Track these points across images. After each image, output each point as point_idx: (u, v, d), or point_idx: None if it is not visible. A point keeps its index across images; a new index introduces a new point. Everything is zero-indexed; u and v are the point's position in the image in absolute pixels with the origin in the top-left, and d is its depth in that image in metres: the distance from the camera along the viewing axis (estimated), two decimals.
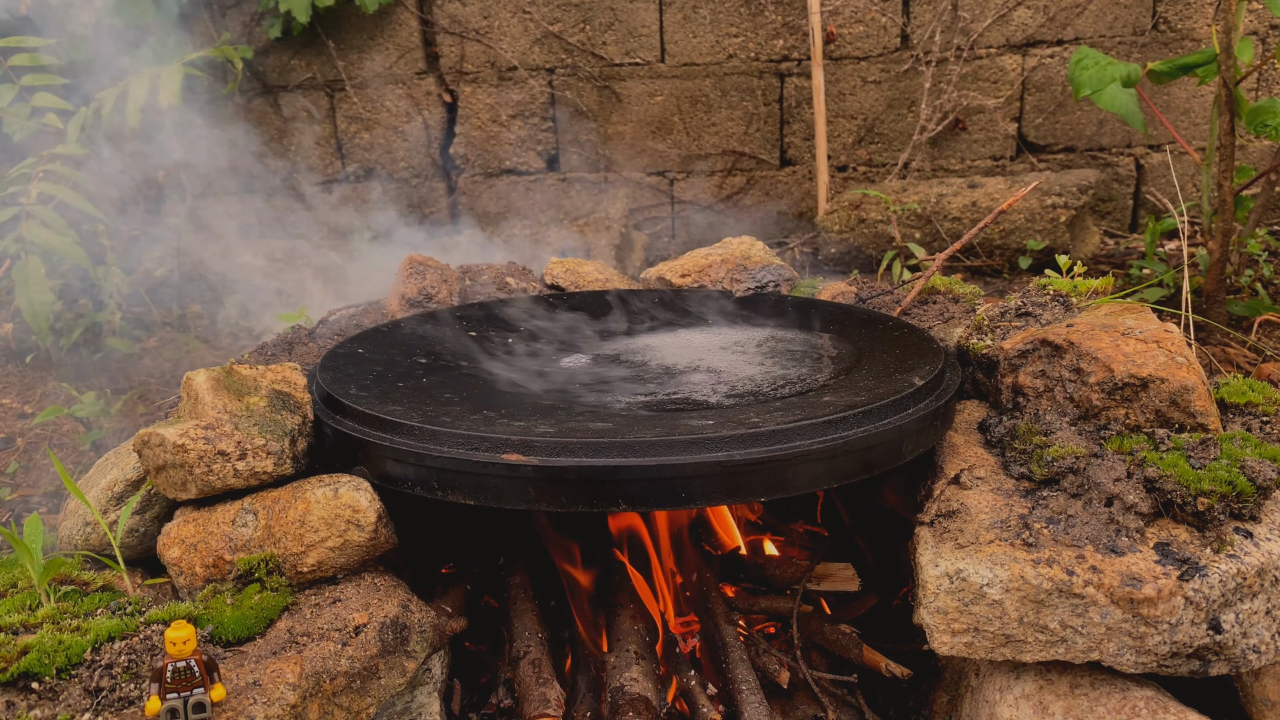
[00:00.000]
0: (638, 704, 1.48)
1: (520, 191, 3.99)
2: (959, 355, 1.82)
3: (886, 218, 3.18)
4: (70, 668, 1.23)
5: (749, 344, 1.94)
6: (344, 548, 1.41)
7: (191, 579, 1.41)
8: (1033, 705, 1.33)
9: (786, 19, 3.64)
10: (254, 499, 1.45)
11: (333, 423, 1.51)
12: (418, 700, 1.51)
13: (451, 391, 1.63)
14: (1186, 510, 1.33)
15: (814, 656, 1.76)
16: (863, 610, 1.83)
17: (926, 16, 3.57)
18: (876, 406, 1.41)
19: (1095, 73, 2.45)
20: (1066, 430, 1.50)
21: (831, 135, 3.72)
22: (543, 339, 2.05)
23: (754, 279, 2.30)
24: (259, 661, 1.26)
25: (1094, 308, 1.76)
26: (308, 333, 2.16)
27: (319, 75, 3.94)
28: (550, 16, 3.74)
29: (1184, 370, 1.45)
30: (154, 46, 3.82)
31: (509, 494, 1.33)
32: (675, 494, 1.31)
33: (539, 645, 1.64)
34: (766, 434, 1.32)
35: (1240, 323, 2.48)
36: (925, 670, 1.66)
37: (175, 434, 1.42)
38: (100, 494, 1.58)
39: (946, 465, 1.53)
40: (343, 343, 1.90)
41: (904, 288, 2.30)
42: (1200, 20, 3.45)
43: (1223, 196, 2.33)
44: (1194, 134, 3.52)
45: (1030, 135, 3.65)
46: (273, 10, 3.79)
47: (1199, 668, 1.29)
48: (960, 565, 1.33)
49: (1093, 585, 1.27)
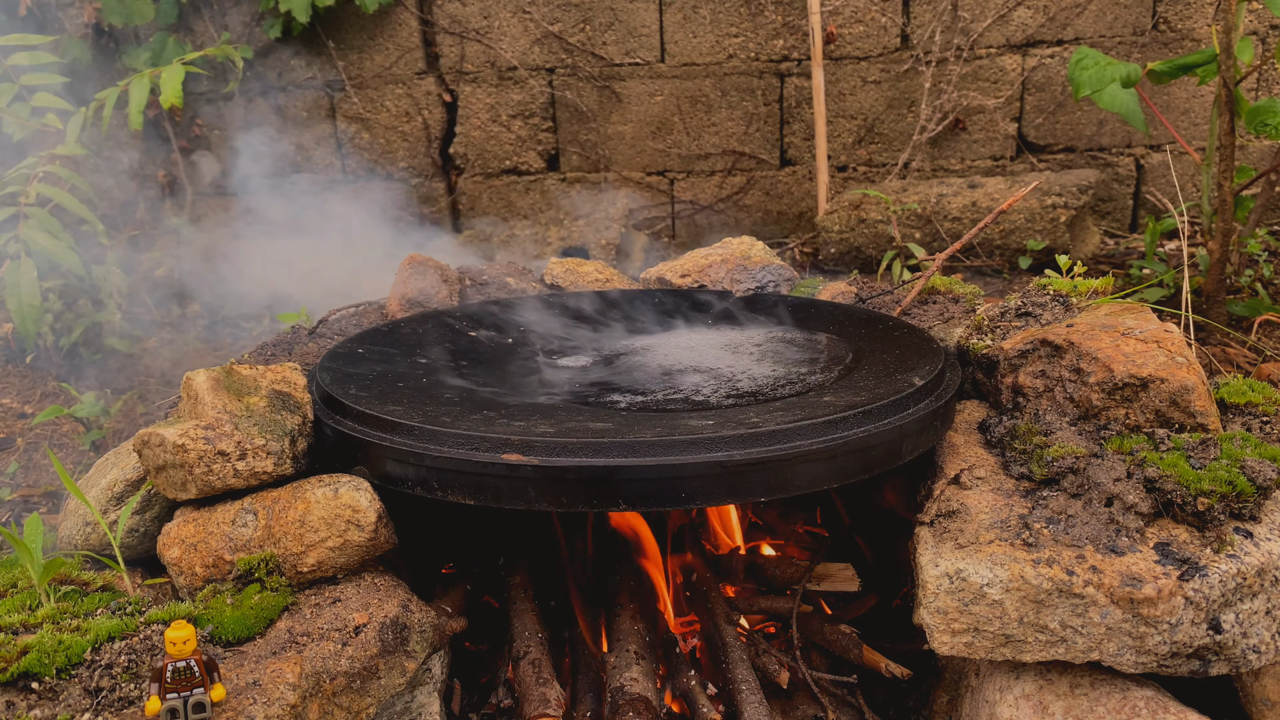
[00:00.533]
0: (638, 704, 1.48)
1: (520, 191, 3.99)
2: (959, 355, 1.82)
3: (886, 218, 3.18)
4: (70, 668, 1.23)
5: (749, 344, 1.94)
6: (344, 548, 1.41)
7: (191, 579, 1.41)
8: (1033, 705, 1.33)
9: (786, 19, 3.64)
10: (254, 499, 1.45)
11: (333, 423, 1.51)
12: (418, 700, 1.51)
13: (451, 391, 1.63)
14: (1186, 510, 1.33)
15: (814, 657, 1.75)
16: (863, 610, 1.83)
17: (926, 16, 3.57)
18: (876, 406, 1.41)
19: (1095, 73, 2.45)
20: (1066, 430, 1.50)
21: (831, 135, 3.72)
22: (542, 339, 2.05)
23: (754, 279, 2.30)
24: (259, 661, 1.26)
25: (1094, 308, 1.76)
26: (308, 333, 2.16)
27: (319, 75, 3.94)
28: (550, 16, 3.74)
29: (1184, 370, 1.45)
30: (153, 46, 3.82)
31: (509, 494, 1.33)
32: (675, 494, 1.31)
33: (539, 645, 1.64)
34: (766, 434, 1.32)
35: (1240, 323, 2.48)
36: (925, 670, 1.66)
37: (175, 434, 1.42)
38: (100, 494, 1.58)
39: (946, 465, 1.53)
40: (343, 343, 1.90)
41: (904, 288, 2.30)
42: (1200, 20, 3.45)
43: (1223, 196, 2.33)
44: (1194, 134, 3.52)
45: (1030, 135, 3.65)
46: (273, 10, 3.79)
47: (1199, 668, 1.29)
48: (960, 565, 1.33)
49: (1093, 585, 1.27)
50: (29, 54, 3.06)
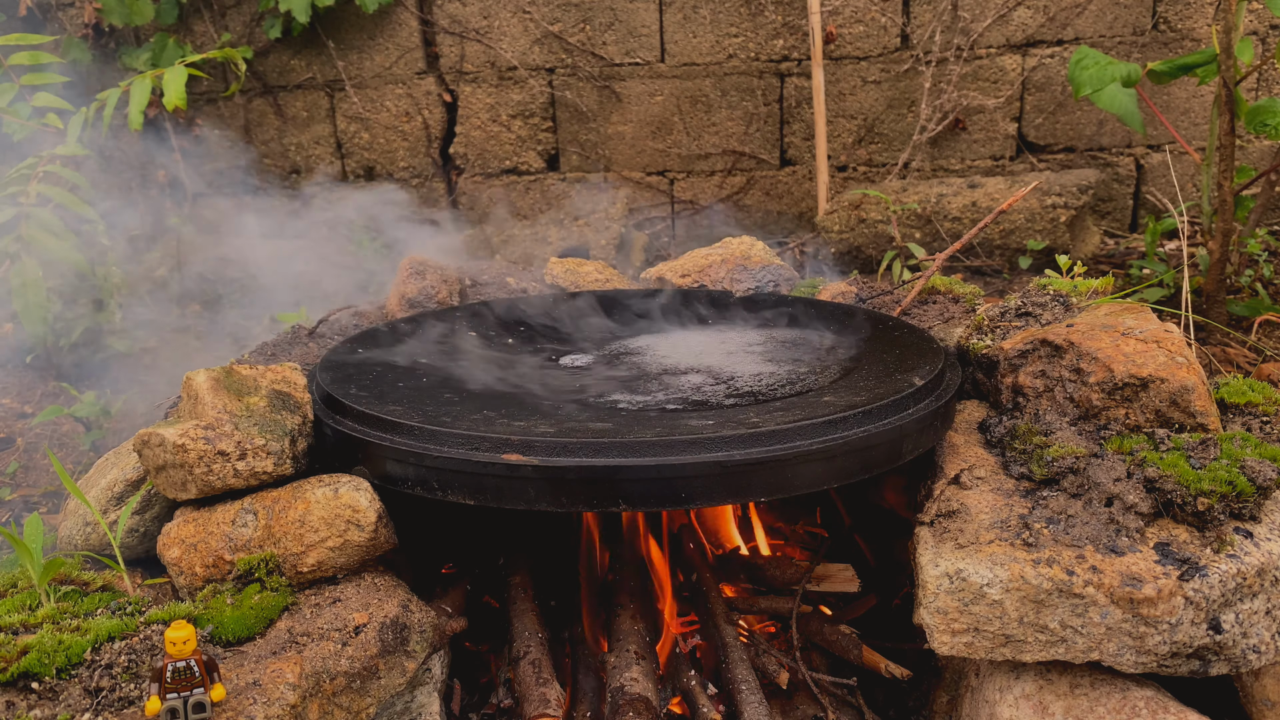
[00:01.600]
0: (638, 704, 1.48)
1: (520, 191, 3.99)
2: (959, 355, 1.82)
3: (886, 218, 3.18)
4: (70, 668, 1.23)
5: (749, 344, 1.94)
6: (344, 548, 1.41)
7: (191, 579, 1.41)
8: (1033, 705, 1.33)
9: (786, 19, 3.64)
10: (254, 499, 1.45)
11: (333, 423, 1.51)
12: (418, 700, 1.51)
13: (451, 391, 1.63)
14: (1186, 510, 1.33)
15: (814, 657, 1.75)
16: (863, 611, 1.83)
17: (926, 16, 3.57)
18: (876, 406, 1.41)
19: (1095, 73, 2.45)
20: (1066, 430, 1.50)
21: (831, 135, 3.72)
22: (542, 339, 2.05)
23: (754, 279, 2.30)
24: (259, 661, 1.26)
25: (1094, 308, 1.76)
26: (308, 333, 2.16)
27: (319, 75, 3.94)
28: (550, 16, 3.74)
29: (1184, 370, 1.45)
30: (154, 47, 3.82)
31: (509, 494, 1.33)
32: (675, 494, 1.31)
33: (539, 645, 1.64)
34: (766, 434, 1.32)
35: (1240, 323, 2.48)
36: (925, 670, 1.66)
37: (175, 434, 1.42)
38: (100, 494, 1.58)
39: (946, 465, 1.53)
40: (343, 342, 1.90)
41: (904, 288, 2.30)
42: (1200, 20, 3.45)
43: (1223, 196, 2.33)
44: (1194, 134, 3.51)
45: (1030, 135, 3.65)
46: (273, 10, 3.79)
47: (1199, 668, 1.29)
48: (960, 565, 1.33)
49: (1093, 585, 1.27)
50: (29, 54, 3.06)
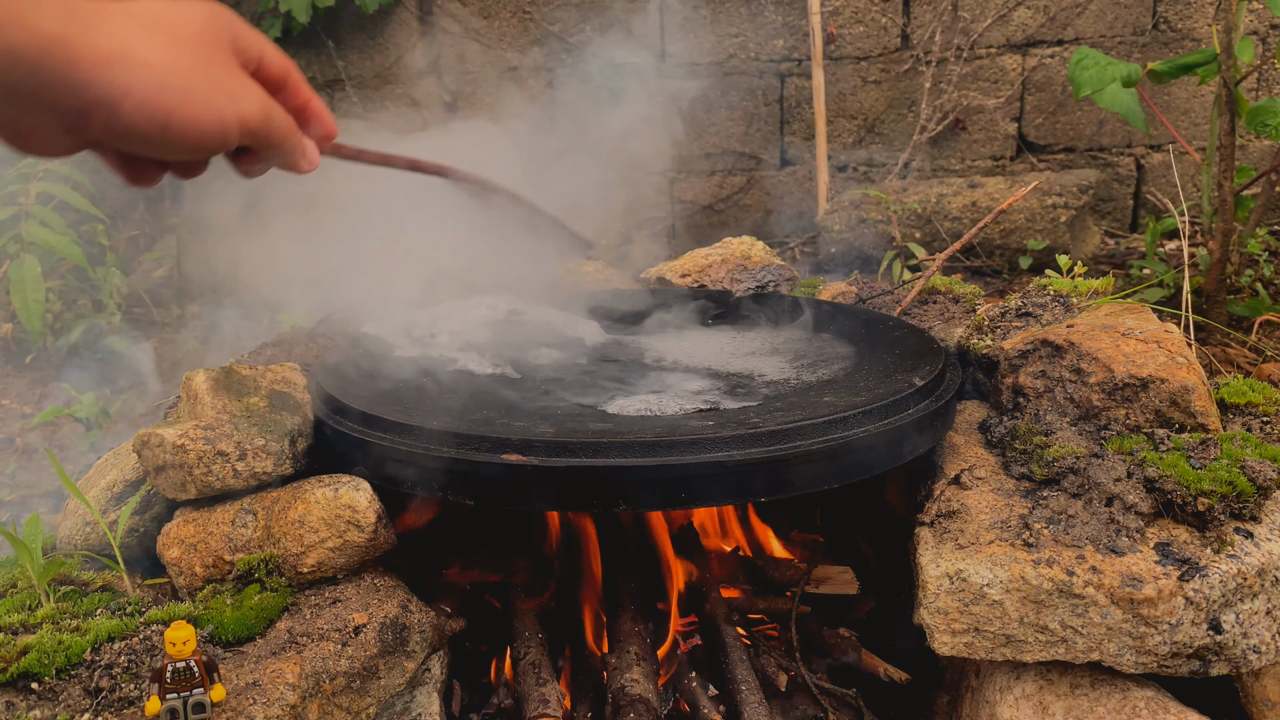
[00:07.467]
0: (638, 705, 1.48)
1: None
2: (959, 355, 1.82)
3: (886, 218, 3.18)
4: (70, 668, 1.23)
5: (748, 344, 1.94)
6: (344, 548, 1.41)
7: (191, 579, 1.41)
8: (1033, 705, 1.33)
9: (786, 19, 3.64)
10: (254, 499, 1.45)
11: (333, 423, 1.51)
12: (418, 700, 1.50)
13: (452, 391, 1.63)
14: (1187, 510, 1.33)
15: (813, 658, 1.75)
16: (862, 612, 1.83)
17: (926, 16, 3.57)
18: (876, 406, 1.41)
19: (1095, 73, 2.45)
20: (1067, 430, 1.50)
21: (831, 135, 3.72)
22: (541, 339, 2.05)
23: (754, 279, 2.30)
24: (259, 662, 1.26)
25: (1094, 308, 1.76)
26: (307, 333, 2.16)
27: (319, 75, 3.94)
28: (550, 16, 3.74)
29: (1184, 370, 1.45)
30: None
31: (509, 494, 1.33)
32: (675, 494, 1.31)
33: (539, 646, 1.63)
34: (766, 434, 1.32)
35: (1240, 323, 2.48)
36: (925, 670, 1.66)
37: (175, 434, 1.42)
38: (100, 494, 1.58)
39: (947, 465, 1.53)
40: (343, 342, 1.90)
41: (904, 288, 2.29)
42: (1200, 20, 3.45)
43: (1223, 196, 2.33)
44: (1194, 134, 3.52)
45: (1030, 135, 3.65)
46: (273, 10, 3.79)
47: (1199, 668, 1.29)
48: (960, 565, 1.33)
49: (1093, 585, 1.27)
50: None
